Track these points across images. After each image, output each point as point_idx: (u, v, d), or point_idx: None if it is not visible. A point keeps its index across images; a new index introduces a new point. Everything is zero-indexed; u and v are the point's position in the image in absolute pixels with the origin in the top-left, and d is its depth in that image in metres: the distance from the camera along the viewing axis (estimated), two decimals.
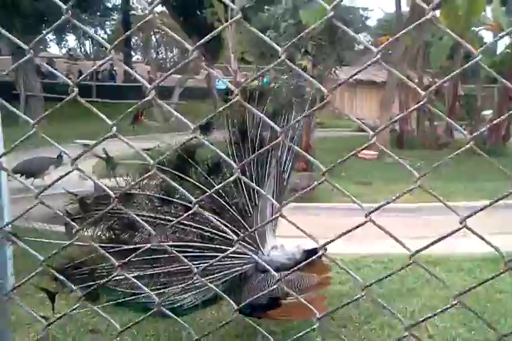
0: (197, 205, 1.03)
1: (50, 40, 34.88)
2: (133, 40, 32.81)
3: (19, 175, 7.33)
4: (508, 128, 13.36)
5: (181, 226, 2.97)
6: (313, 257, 1.19)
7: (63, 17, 1.00)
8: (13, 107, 1.14)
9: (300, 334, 1.25)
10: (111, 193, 1.11)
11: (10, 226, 1.36)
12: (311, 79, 1.03)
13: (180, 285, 2.88)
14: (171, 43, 34.60)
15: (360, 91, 22.54)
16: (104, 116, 1.01)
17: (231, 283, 2.92)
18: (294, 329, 3.38)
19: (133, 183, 3.02)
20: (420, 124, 14.87)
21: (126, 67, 1.36)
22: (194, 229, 2.97)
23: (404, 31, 1.02)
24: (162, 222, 2.94)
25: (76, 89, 0.99)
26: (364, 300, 3.96)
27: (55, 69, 1.62)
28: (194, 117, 3.33)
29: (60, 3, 1.02)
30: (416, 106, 1.03)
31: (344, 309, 3.81)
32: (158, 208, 3.00)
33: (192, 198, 1.10)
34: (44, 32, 1.48)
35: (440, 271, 4.64)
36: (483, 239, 1.00)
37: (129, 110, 1.01)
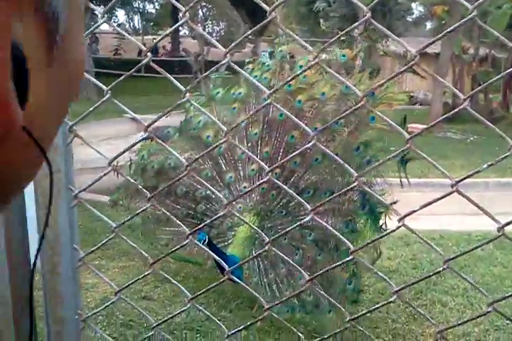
0: None
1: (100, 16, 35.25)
2: (180, 14, 32.66)
3: None
4: None
5: None
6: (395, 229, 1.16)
7: None
8: None
9: None
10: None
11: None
12: (397, 39, 0.98)
13: None
14: (218, 17, 34.36)
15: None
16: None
17: None
18: None
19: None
20: (474, 97, 14.28)
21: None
22: None
23: None
24: None
25: (150, 54, 0.99)
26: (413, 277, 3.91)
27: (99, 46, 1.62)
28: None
29: None
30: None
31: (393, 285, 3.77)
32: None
33: None
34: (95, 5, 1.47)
35: (494, 248, 4.51)
36: None
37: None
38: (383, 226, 3.06)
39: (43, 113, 0.27)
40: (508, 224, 0.94)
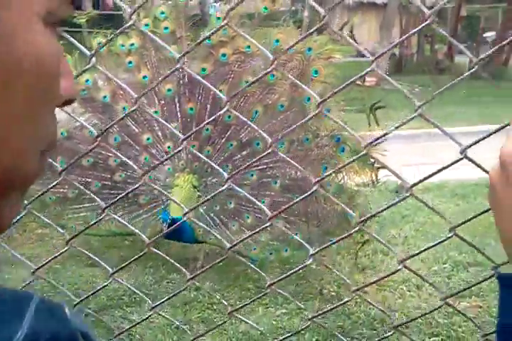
0: None
1: None
2: None
3: None
4: (510, 51, 12.96)
5: None
6: None
7: None
8: None
9: None
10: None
11: None
12: None
13: None
14: None
15: (360, 14, 21.63)
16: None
17: None
18: None
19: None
20: (420, 48, 14.43)
21: None
22: None
23: None
24: None
25: None
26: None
27: None
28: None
29: None
30: (420, 26, 0.95)
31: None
32: None
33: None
34: None
35: (434, 197, 4.69)
36: (481, 168, 0.95)
37: None
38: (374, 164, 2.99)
39: None
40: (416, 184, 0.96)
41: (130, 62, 3.04)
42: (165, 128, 3.13)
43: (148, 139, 3.12)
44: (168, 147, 3.09)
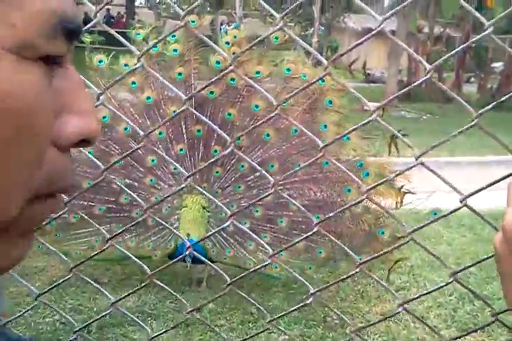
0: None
1: None
2: None
3: None
4: None
5: None
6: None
7: None
8: None
9: None
10: None
11: None
12: None
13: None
14: None
15: (369, 40, 21.84)
16: None
17: None
18: None
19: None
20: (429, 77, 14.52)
21: None
22: None
23: None
24: None
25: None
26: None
27: None
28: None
29: None
30: (420, 80, 0.96)
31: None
32: None
33: None
34: None
35: (439, 226, 4.66)
36: (483, 218, 0.95)
37: None
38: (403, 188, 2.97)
39: None
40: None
41: (134, 83, 2.98)
42: (170, 150, 3.10)
43: (153, 161, 3.07)
44: (175, 168, 3.03)
